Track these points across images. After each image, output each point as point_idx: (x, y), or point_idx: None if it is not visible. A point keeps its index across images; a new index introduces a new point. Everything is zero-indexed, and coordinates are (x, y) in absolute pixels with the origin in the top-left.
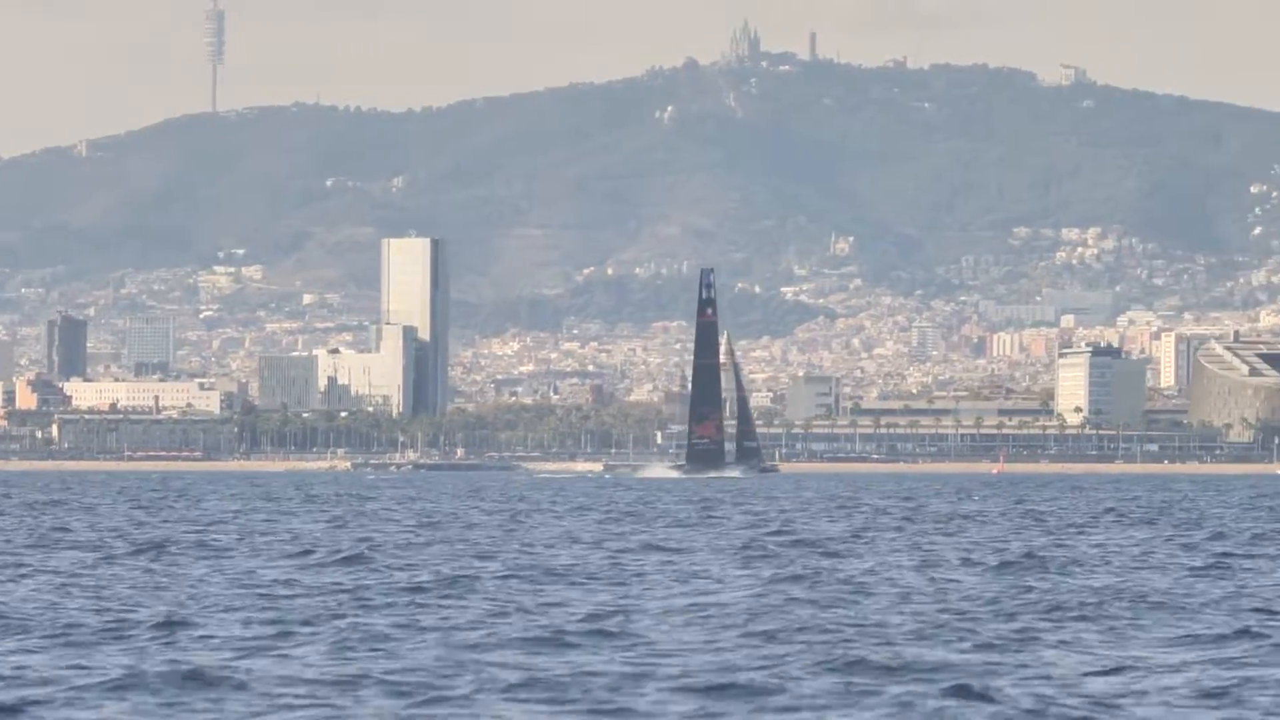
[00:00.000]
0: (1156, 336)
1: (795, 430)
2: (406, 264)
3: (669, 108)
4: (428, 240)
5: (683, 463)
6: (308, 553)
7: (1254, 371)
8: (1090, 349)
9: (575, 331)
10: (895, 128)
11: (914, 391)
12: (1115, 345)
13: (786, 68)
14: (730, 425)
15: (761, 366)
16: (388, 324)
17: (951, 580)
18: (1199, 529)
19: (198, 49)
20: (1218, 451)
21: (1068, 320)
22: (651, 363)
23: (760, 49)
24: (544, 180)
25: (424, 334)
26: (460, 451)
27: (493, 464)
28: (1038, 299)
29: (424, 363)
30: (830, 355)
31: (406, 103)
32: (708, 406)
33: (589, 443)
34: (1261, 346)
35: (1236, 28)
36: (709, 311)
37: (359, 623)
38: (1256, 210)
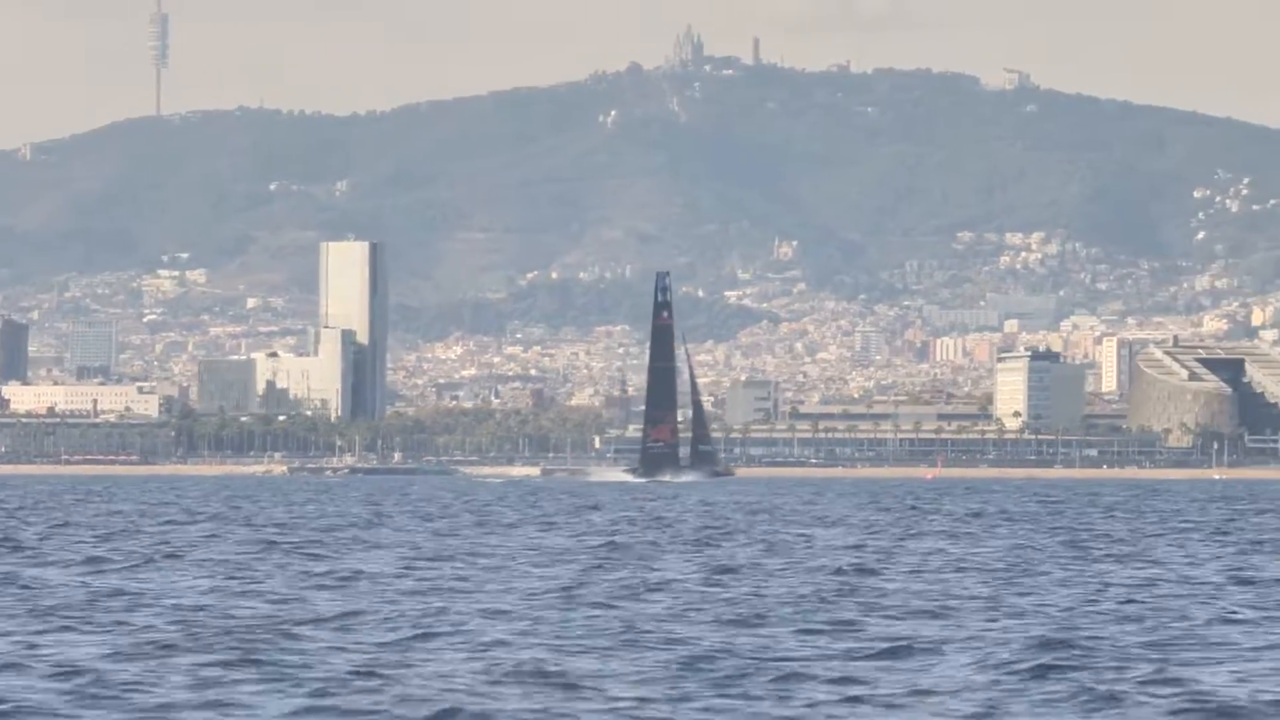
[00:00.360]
0: (1099, 341)
1: (734, 435)
2: (345, 268)
3: (612, 112)
4: (367, 244)
5: (635, 466)
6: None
7: (1193, 376)
8: (1029, 353)
9: (519, 335)
10: (839, 132)
11: (855, 396)
12: (1058, 350)
13: (730, 72)
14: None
15: (704, 371)
16: (326, 328)
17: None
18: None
19: (142, 52)
20: (1157, 456)
21: (1011, 325)
22: (594, 367)
23: (704, 53)
24: (488, 184)
25: (363, 338)
26: (398, 455)
27: (430, 468)
28: (981, 304)
29: (362, 366)
30: (773, 360)
31: (351, 106)
32: (662, 410)
33: (527, 447)
34: (1201, 351)
35: (1180, 33)
36: (665, 315)
37: None
38: (1200, 215)
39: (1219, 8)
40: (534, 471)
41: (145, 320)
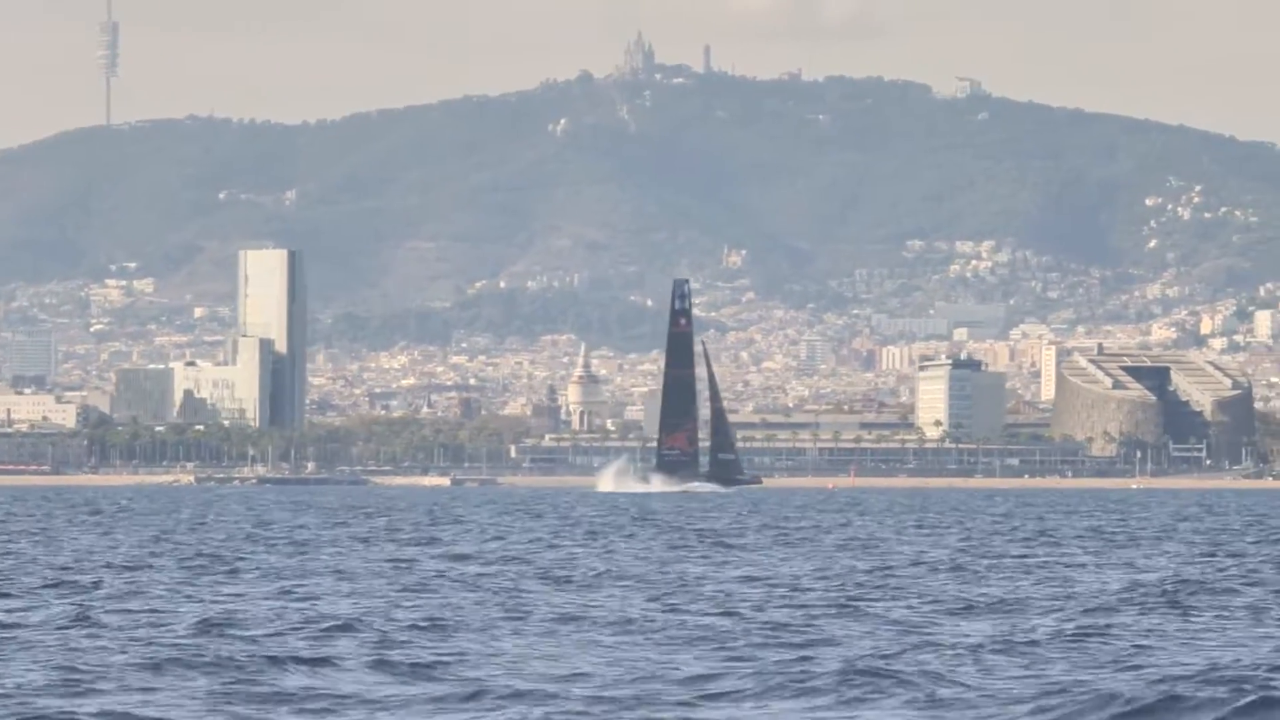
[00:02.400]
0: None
1: (651, 445)
2: (264, 276)
3: (562, 120)
4: (285, 252)
5: (647, 475)
6: None
7: (1118, 385)
8: (950, 361)
9: (463, 345)
10: (789, 140)
11: (789, 405)
12: (1008, 359)
13: (680, 80)
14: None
15: (646, 380)
16: (244, 336)
17: None
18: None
19: (91, 61)
20: (1079, 466)
21: (960, 333)
22: (538, 376)
23: (654, 61)
24: (436, 193)
25: (281, 347)
26: (311, 466)
27: (342, 478)
28: (930, 312)
29: (281, 375)
30: (718, 368)
31: (300, 115)
32: (679, 417)
33: (442, 456)
34: (1126, 360)
35: (1131, 41)
36: (682, 322)
37: None
38: (1151, 223)
39: (1171, 16)
40: (444, 481)
41: (92, 330)
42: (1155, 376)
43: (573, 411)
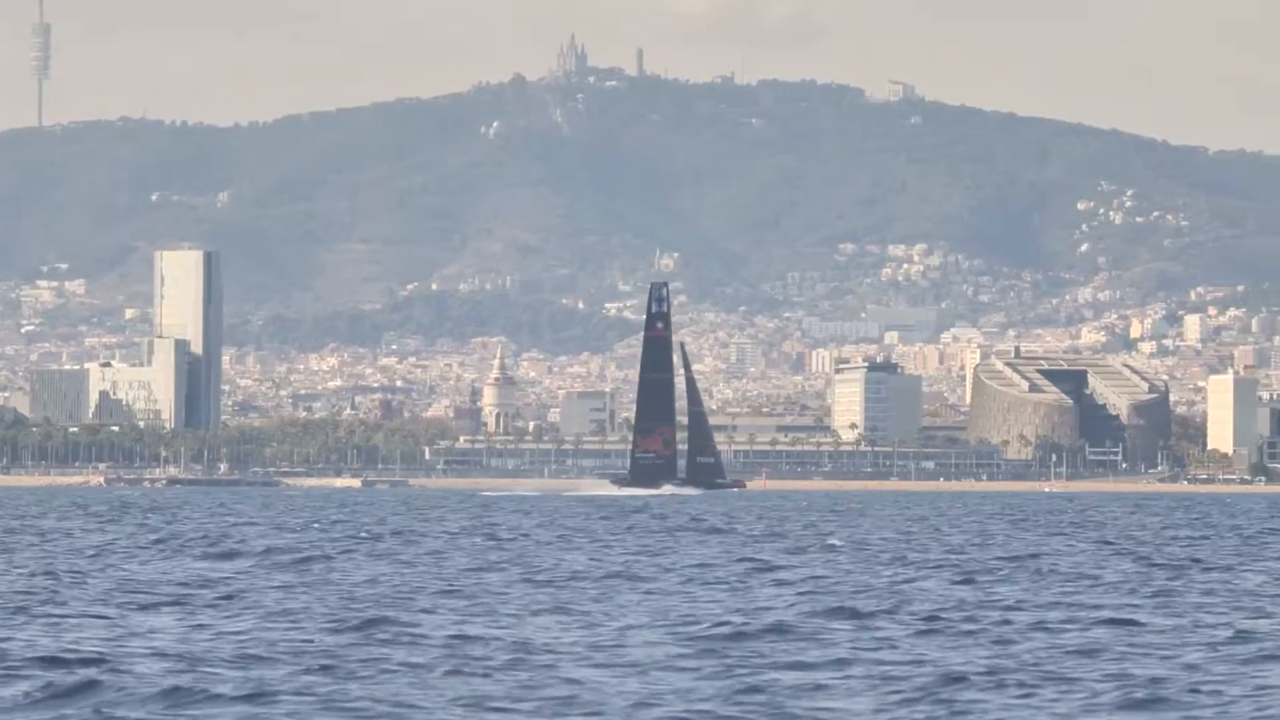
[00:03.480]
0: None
1: (565, 447)
2: (180, 277)
3: (495, 123)
4: (201, 253)
5: (623, 478)
6: None
7: (1034, 388)
8: (866, 364)
9: (393, 347)
10: (722, 144)
11: (712, 408)
12: (938, 362)
13: (613, 83)
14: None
15: (575, 382)
16: (159, 337)
17: None
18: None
19: (24, 63)
20: (995, 469)
21: (891, 337)
22: (466, 378)
23: (587, 64)
24: (369, 195)
25: (197, 348)
26: (224, 467)
27: (254, 479)
28: (862, 315)
29: (196, 377)
30: None
31: (233, 117)
32: (654, 421)
33: (356, 458)
34: (1043, 363)
35: (1065, 45)
36: (659, 325)
37: None
38: (1083, 227)
39: (1104, 21)
40: (355, 483)
41: (24, 331)
42: (1072, 380)
43: (489, 414)
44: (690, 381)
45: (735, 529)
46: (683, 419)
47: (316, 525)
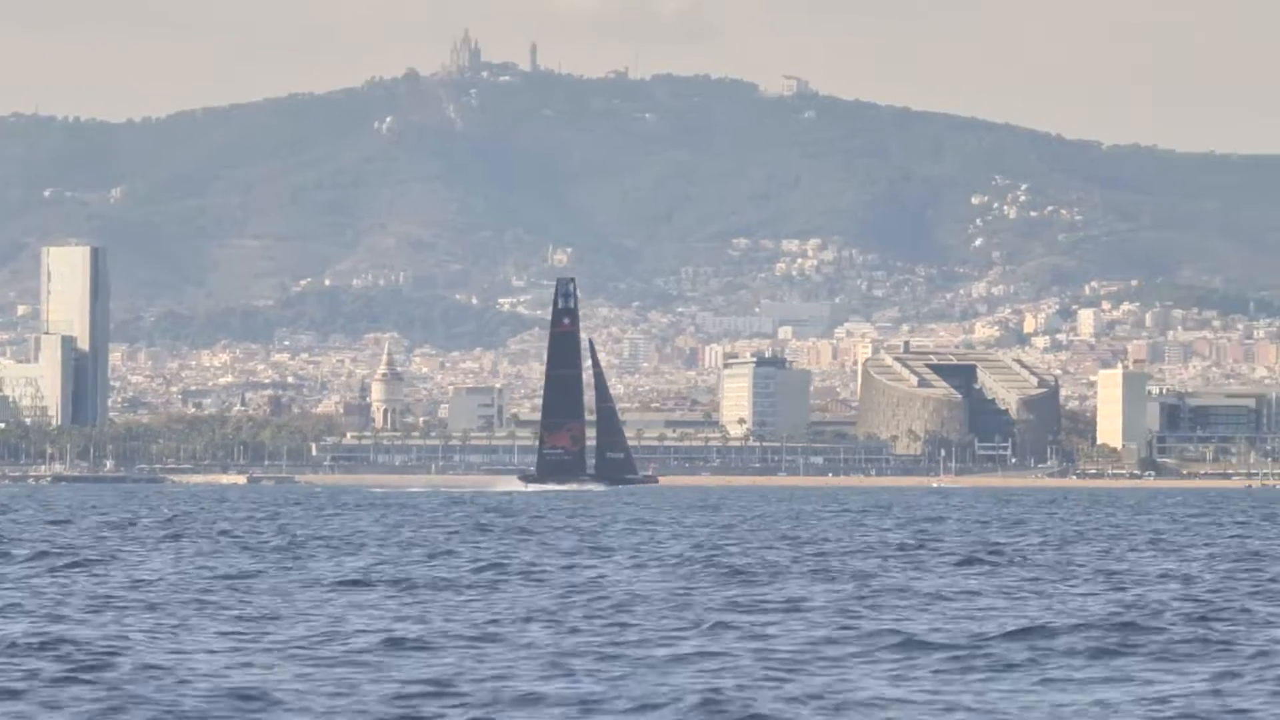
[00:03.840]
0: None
1: (453, 443)
2: (67, 273)
3: (388, 118)
4: (88, 249)
5: (530, 474)
6: None
7: (923, 383)
8: (755, 359)
9: (286, 343)
10: (616, 138)
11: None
12: (831, 357)
13: (507, 78)
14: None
15: (467, 378)
16: (46, 334)
17: None
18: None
19: None
20: (884, 464)
21: (785, 331)
22: (358, 374)
23: (481, 59)
24: (262, 191)
25: (84, 344)
26: (110, 464)
27: (141, 476)
28: (756, 310)
29: (83, 373)
30: (540, 366)
31: (125, 113)
32: (561, 416)
33: (242, 454)
34: (932, 358)
35: (958, 40)
36: (566, 321)
37: None
38: (977, 221)
39: (998, 16)
40: (241, 479)
41: None
42: (961, 375)
43: (377, 410)
44: (599, 377)
45: (539, 529)
46: (592, 415)
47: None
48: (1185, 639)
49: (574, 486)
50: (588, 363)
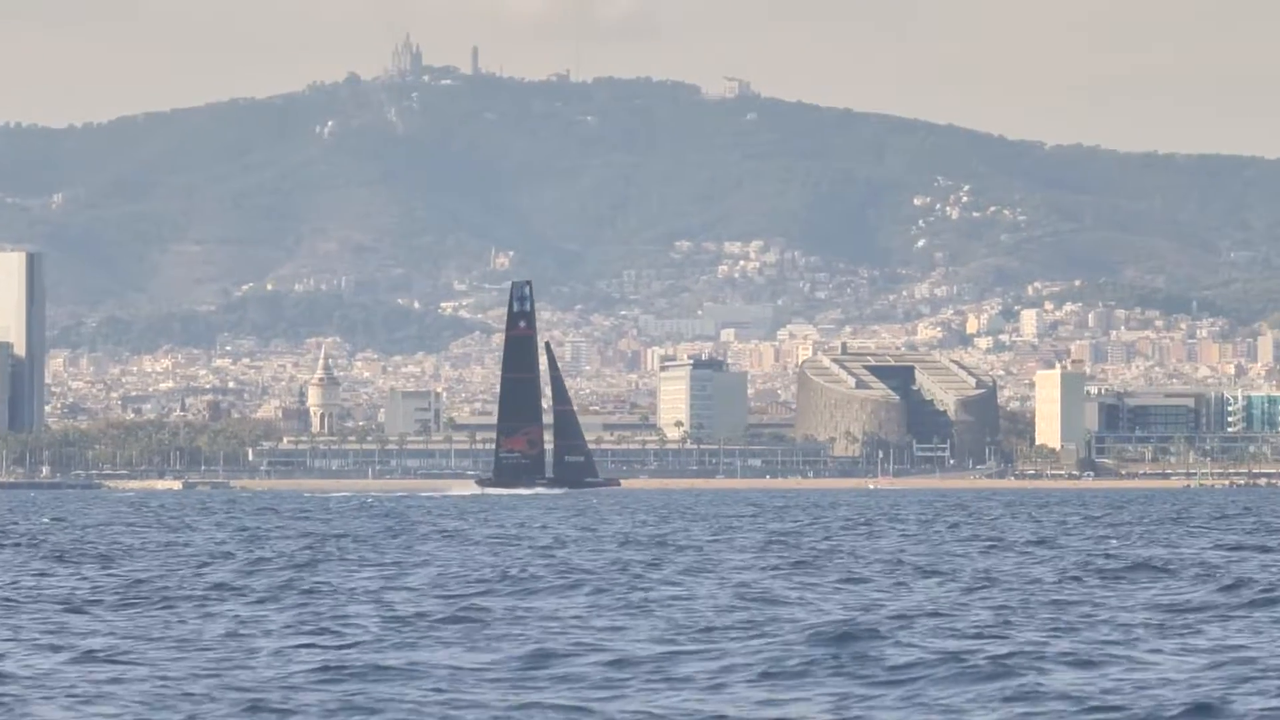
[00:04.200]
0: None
1: (389, 447)
2: (2, 279)
3: (329, 123)
4: (23, 254)
5: (486, 477)
6: None
7: (861, 384)
8: (692, 361)
9: (228, 348)
10: (558, 141)
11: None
12: (773, 359)
13: (448, 82)
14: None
15: (409, 382)
16: None
17: None
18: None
19: None
20: (822, 466)
21: (728, 334)
22: (300, 379)
23: (422, 63)
24: (204, 196)
25: (20, 350)
26: (46, 470)
27: (76, 482)
28: (699, 313)
29: (20, 379)
30: (482, 370)
31: (66, 118)
32: (518, 420)
33: (179, 460)
34: (870, 359)
35: (901, 41)
36: (522, 324)
37: None
38: (920, 223)
39: (940, 17)
40: (176, 485)
41: None
42: (899, 376)
43: (315, 414)
44: (556, 380)
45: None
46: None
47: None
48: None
49: (532, 490)
50: (543, 366)
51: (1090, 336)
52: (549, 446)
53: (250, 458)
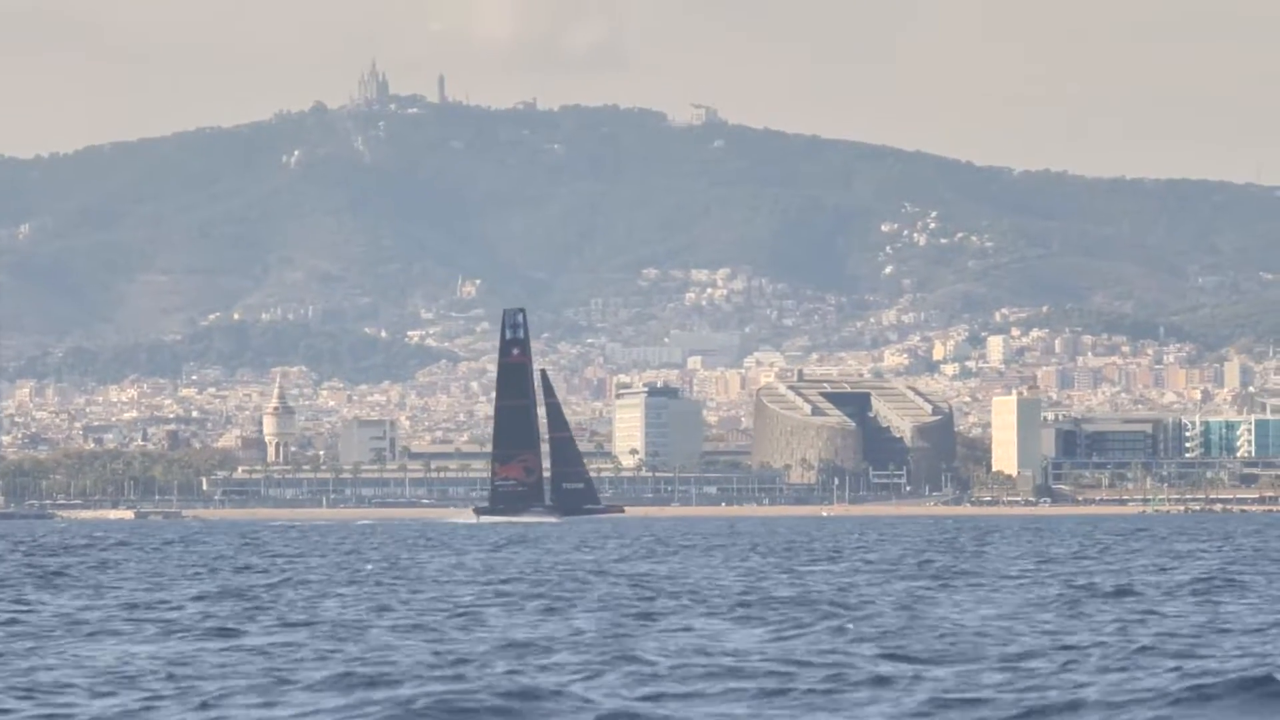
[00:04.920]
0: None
1: (343, 476)
2: None
3: (296, 152)
4: None
5: (483, 506)
6: None
7: (816, 411)
8: (647, 389)
9: (194, 377)
10: (525, 169)
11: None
12: (739, 387)
13: (415, 110)
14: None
15: (373, 410)
16: None
17: None
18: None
19: None
20: (777, 493)
21: (695, 362)
22: (266, 407)
23: (389, 91)
24: (171, 225)
25: None
26: (0, 500)
27: (29, 512)
28: (666, 340)
29: None
30: (448, 399)
31: (33, 149)
32: (513, 448)
33: (132, 489)
34: (826, 386)
35: (867, 67)
36: (515, 352)
37: None
38: (887, 249)
39: (907, 43)
40: (129, 515)
41: None
42: (856, 403)
43: (269, 443)
44: (554, 407)
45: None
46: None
47: None
48: None
49: (529, 518)
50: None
51: (1057, 362)
52: (547, 474)
53: (205, 487)
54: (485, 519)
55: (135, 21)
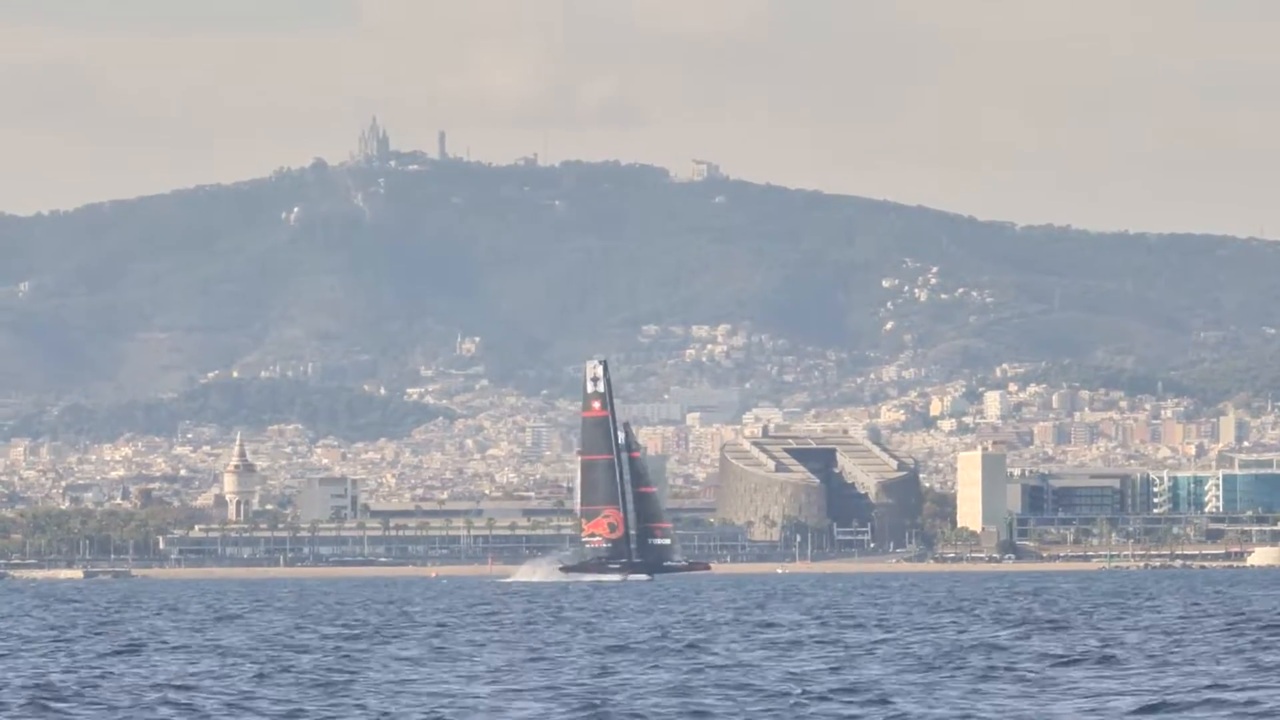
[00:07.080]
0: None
1: (302, 534)
2: None
3: (295, 209)
4: None
5: (569, 564)
6: None
7: (780, 468)
8: None
9: (189, 436)
10: (525, 226)
11: (485, 493)
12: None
13: (415, 167)
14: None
15: (365, 468)
16: None
17: None
18: None
19: None
20: (739, 549)
21: (693, 418)
22: (261, 465)
23: (389, 148)
24: (170, 283)
25: None
26: None
27: None
28: (665, 397)
29: None
30: (442, 456)
31: (33, 207)
32: (598, 504)
33: (89, 549)
34: (791, 442)
35: (869, 123)
36: (596, 405)
37: None
38: (889, 304)
39: (908, 97)
40: (78, 574)
41: None
42: (820, 459)
43: (230, 501)
44: (638, 462)
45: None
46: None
47: None
48: None
49: (613, 576)
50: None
51: (1054, 418)
52: (633, 531)
53: (161, 546)
54: (571, 576)
55: (135, 80)
